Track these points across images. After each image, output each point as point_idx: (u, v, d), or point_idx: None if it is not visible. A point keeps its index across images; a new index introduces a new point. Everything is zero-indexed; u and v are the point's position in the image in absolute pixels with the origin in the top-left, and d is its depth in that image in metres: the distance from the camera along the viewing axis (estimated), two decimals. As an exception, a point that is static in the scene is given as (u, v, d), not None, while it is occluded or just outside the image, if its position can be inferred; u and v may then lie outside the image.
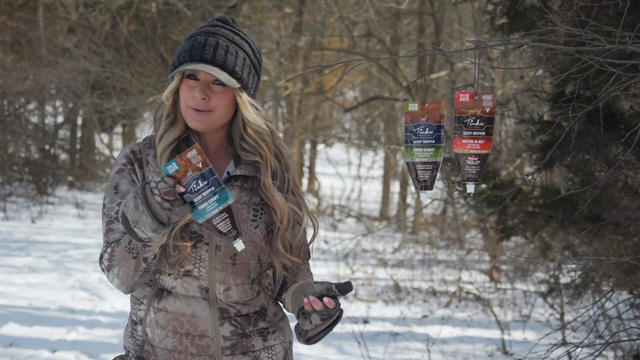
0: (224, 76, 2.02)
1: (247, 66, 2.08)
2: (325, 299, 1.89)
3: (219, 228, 1.84)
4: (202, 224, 1.85)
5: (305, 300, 1.91)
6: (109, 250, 2.01)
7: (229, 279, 2.04)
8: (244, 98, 2.08)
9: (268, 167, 2.11)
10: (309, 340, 2.00)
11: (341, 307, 1.94)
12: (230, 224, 1.84)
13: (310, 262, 2.26)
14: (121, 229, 2.03)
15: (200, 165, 1.82)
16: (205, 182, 1.82)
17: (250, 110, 2.09)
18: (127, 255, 1.95)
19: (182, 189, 1.81)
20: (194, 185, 1.82)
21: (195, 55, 2.02)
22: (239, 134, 2.11)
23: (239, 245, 1.86)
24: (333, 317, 1.93)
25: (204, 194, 1.82)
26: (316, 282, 1.96)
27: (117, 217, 2.04)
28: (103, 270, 2.05)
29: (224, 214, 1.83)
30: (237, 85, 2.05)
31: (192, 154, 1.82)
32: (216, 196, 1.82)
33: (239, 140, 2.12)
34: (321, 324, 1.93)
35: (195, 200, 1.82)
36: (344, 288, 1.90)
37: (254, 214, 2.08)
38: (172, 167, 1.82)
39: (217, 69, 2.02)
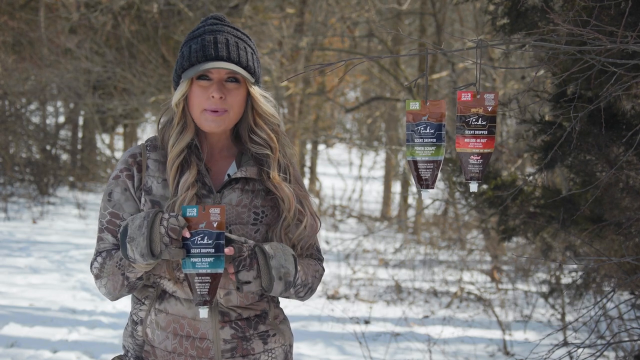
0: (242, 71, 2.01)
1: (255, 60, 2.08)
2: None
3: (196, 286, 1.87)
4: (185, 274, 1.88)
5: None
6: (99, 259, 2.03)
7: (229, 283, 2.03)
8: (257, 91, 2.07)
9: (276, 160, 2.09)
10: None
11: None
12: (207, 289, 1.87)
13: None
14: (110, 240, 2.04)
15: (215, 225, 1.86)
16: (210, 242, 1.86)
17: (264, 102, 2.09)
18: (117, 270, 1.99)
19: (187, 235, 1.85)
20: (199, 238, 1.86)
21: (210, 54, 2.00)
22: (248, 128, 2.10)
23: (203, 312, 1.88)
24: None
25: (203, 251, 1.86)
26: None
27: (107, 227, 2.05)
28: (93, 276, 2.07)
29: (208, 277, 1.86)
30: (252, 79, 2.05)
31: (215, 211, 1.86)
32: (211, 259, 1.86)
33: (247, 134, 2.10)
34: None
35: (192, 251, 1.86)
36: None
37: (255, 217, 2.06)
38: (192, 212, 1.86)
39: (234, 65, 2.01)
